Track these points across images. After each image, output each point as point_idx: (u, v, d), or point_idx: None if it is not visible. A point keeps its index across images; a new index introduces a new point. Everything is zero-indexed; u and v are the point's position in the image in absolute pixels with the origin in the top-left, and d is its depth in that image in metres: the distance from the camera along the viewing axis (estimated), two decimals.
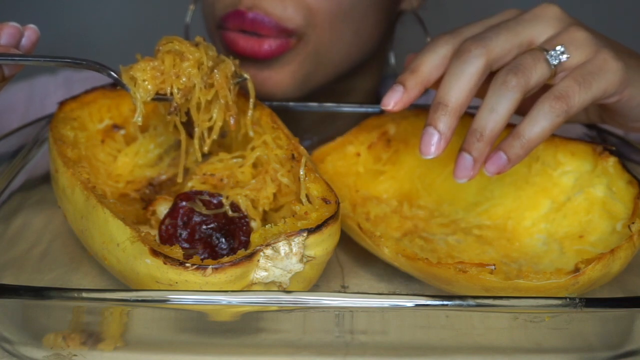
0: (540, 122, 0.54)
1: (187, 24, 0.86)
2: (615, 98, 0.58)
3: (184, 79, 0.57)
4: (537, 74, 0.55)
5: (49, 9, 1.35)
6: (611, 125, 0.66)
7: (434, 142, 0.55)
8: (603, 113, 0.65)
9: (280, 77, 0.73)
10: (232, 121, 0.59)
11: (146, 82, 0.56)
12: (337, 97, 0.82)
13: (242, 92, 0.63)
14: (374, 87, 0.90)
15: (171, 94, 0.57)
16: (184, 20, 0.86)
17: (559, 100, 0.54)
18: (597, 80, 0.56)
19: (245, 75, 0.60)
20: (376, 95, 0.92)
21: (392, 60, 0.88)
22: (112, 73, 0.56)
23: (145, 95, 0.56)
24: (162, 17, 1.25)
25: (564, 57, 0.56)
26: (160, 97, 0.57)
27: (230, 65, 0.59)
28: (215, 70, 0.58)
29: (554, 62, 0.56)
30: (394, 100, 0.57)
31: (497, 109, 0.54)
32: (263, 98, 0.72)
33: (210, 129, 0.60)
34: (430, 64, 0.58)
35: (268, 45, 0.70)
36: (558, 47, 0.56)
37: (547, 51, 0.56)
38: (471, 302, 0.44)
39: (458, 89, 0.55)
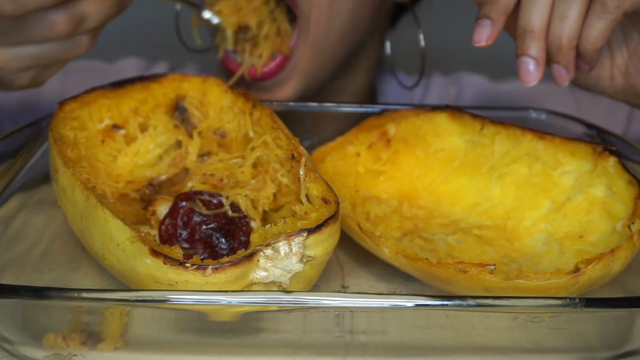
0: (595, 24, 0.56)
1: (177, 12, 0.86)
2: None
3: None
4: None
5: None
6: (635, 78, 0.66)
7: (532, 69, 0.57)
8: (631, 62, 0.64)
9: (285, 92, 0.75)
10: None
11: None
12: (334, 96, 0.83)
13: (242, 92, 0.64)
14: (369, 85, 0.90)
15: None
16: (174, 8, 0.86)
17: None
18: None
19: None
20: (372, 93, 0.92)
21: (388, 50, 0.88)
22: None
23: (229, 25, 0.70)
24: (151, 6, 1.24)
25: None
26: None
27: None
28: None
29: None
30: (485, 35, 0.58)
31: (567, 14, 0.56)
32: (266, 99, 0.74)
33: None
34: None
35: (267, 68, 0.72)
36: None
37: None
38: (471, 302, 0.44)
39: (538, 13, 0.57)
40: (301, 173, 0.54)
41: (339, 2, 0.74)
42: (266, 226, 0.50)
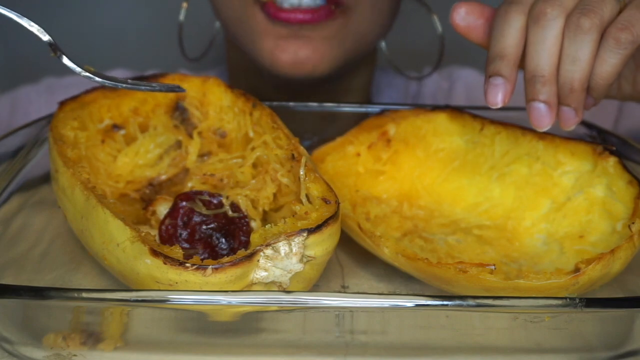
0: (608, 59, 0.53)
1: (181, 22, 0.87)
2: None
3: None
4: (608, 11, 0.53)
5: (41, 11, 1.35)
6: None
7: (544, 114, 0.54)
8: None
9: (320, 54, 0.76)
10: None
11: None
12: (334, 96, 0.83)
13: (242, 92, 0.63)
14: (368, 83, 0.91)
15: None
16: (177, 19, 0.87)
17: (623, 32, 0.52)
18: None
19: None
20: (370, 91, 0.93)
21: (384, 45, 0.90)
22: None
23: None
24: (154, 16, 1.25)
25: None
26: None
27: None
28: None
29: None
30: (501, 95, 0.55)
31: (579, 56, 0.53)
32: (298, 78, 0.76)
33: None
34: (513, 42, 0.55)
35: (313, 14, 0.74)
36: None
37: None
38: (471, 302, 0.44)
39: (547, 56, 0.53)
40: (301, 173, 0.54)
41: (381, 2, 0.77)
42: (266, 226, 0.50)
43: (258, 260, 0.47)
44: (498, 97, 0.55)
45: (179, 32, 0.87)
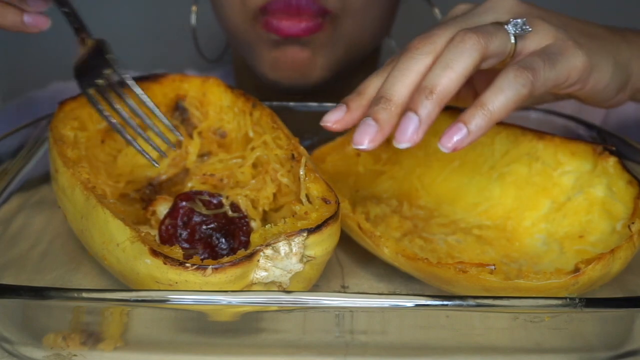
0: (504, 91, 0.50)
1: (194, 26, 0.88)
2: (578, 86, 0.56)
3: None
4: (497, 40, 0.51)
5: (47, 12, 1.35)
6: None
7: (370, 133, 0.50)
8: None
9: (317, 58, 0.78)
10: None
11: None
12: (336, 96, 0.83)
13: (242, 92, 0.63)
14: None
15: None
16: (189, 23, 0.87)
17: (524, 70, 0.50)
18: (560, 61, 0.53)
19: None
20: None
21: (393, 44, 0.90)
22: None
23: None
24: (165, 19, 1.25)
25: (527, 28, 0.53)
26: None
27: None
28: None
29: (516, 32, 0.53)
30: (335, 117, 0.54)
31: (453, 65, 0.49)
32: (299, 83, 0.79)
33: None
34: (377, 84, 0.54)
35: (306, 24, 0.75)
36: (520, 20, 0.53)
37: (508, 24, 0.53)
38: (471, 302, 0.44)
39: (402, 85, 0.51)
40: (301, 173, 0.54)
41: (370, 10, 0.77)
42: (266, 226, 0.50)
43: (258, 260, 0.47)
44: (332, 117, 0.53)
45: (194, 35, 0.88)
